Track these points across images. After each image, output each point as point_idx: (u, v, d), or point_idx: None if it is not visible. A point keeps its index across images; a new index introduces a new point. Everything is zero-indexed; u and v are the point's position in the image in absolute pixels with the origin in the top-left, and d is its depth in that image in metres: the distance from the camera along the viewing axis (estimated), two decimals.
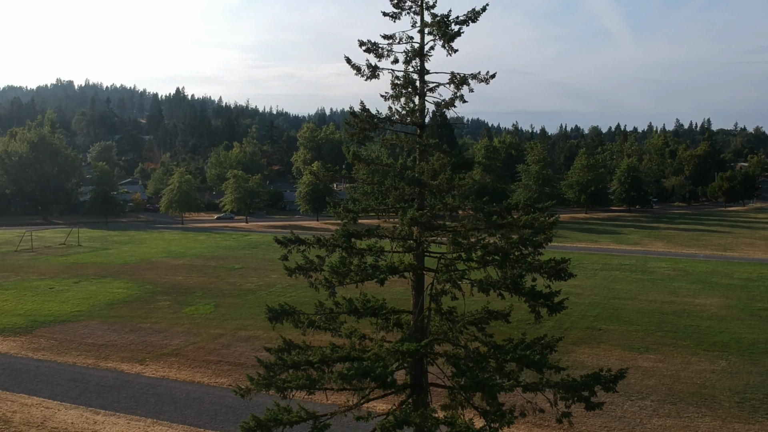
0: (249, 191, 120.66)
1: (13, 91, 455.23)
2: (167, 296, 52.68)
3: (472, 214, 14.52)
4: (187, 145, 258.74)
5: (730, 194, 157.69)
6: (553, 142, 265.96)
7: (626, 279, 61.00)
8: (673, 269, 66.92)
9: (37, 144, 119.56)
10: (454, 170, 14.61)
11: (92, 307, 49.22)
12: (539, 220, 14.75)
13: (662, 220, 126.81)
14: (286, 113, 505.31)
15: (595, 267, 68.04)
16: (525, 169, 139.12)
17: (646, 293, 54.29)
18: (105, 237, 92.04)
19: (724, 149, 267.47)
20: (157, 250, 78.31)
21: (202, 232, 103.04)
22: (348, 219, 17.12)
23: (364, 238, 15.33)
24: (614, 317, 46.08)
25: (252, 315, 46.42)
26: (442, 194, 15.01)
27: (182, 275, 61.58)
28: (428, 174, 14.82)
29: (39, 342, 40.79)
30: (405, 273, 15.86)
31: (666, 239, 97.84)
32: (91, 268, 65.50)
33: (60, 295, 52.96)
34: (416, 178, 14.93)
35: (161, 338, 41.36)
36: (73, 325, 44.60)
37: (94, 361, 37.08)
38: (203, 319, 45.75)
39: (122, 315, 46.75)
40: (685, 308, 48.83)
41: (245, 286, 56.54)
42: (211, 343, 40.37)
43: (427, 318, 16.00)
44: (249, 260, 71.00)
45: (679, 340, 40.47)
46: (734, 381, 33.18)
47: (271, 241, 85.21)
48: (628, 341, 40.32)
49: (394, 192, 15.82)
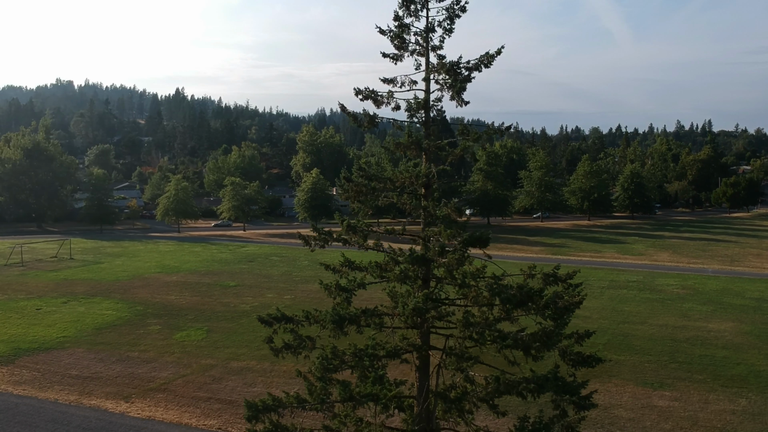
0: (247, 198, 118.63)
1: (13, 91, 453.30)
2: (158, 319, 50.61)
3: (486, 296, 12.49)
4: (185, 147, 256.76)
5: (734, 200, 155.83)
6: (554, 144, 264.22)
7: (634, 299, 58.92)
8: (682, 287, 64.85)
9: (31, 151, 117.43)
10: (466, 246, 12.61)
11: (79, 332, 47.14)
12: (563, 299, 12.70)
13: (666, 227, 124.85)
14: (286, 114, 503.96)
15: (602, 284, 65.98)
16: (527, 176, 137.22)
17: (656, 316, 52.22)
18: (98, 248, 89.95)
19: (726, 152, 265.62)
20: (150, 264, 76.21)
21: (198, 242, 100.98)
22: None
23: (362, 322, 13.27)
24: (625, 345, 44.01)
25: (245, 342, 44.36)
26: (451, 272, 12.98)
27: (175, 294, 59.51)
28: (435, 250, 12.82)
29: (21, 374, 38.73)
30: (408, 354, 13.80)
31: (671, 249, 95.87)
32: (82, 285, 63.42)
33: (47, 318, 50.89)
34: (422, 256, 12.92)
35: (149, 369, 39.30)
36: (58, 353, 42.54)
37: (77, 398, 35.02)
38: (194, 346, 43.67)
39: (110, 342, 44.67)
40: (699, 334, 46.76)
41: (240, 308, 54.45)
42: (202, 375, 38.31)
43: (434, 405, 13.96)
44: (245, 276, 68.92)
45: (694, 374, 38.41)
46: (757, 424, 31.13)
47: (268, 254, 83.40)
48: (641, 374, 38.27)
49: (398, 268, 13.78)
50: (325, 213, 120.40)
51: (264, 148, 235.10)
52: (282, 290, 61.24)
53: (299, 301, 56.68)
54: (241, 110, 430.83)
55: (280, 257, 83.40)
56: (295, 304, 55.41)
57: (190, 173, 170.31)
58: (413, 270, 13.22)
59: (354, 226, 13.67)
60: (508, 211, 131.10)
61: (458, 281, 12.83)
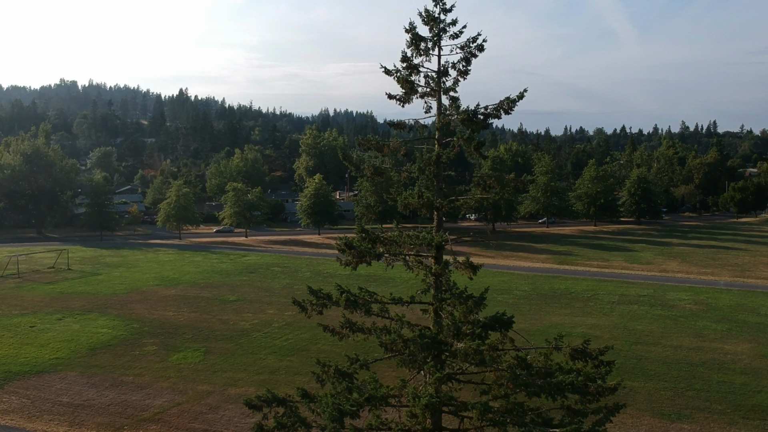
0: (249, 204, 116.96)
1: (17, 91, 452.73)
2: (154, 338, 49.02)
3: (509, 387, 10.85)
4: (188, 149, 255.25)
5: (742, 205, 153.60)
6: (559, 146, 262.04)
7: (646, 316, 57.12)
8: (694, 302, 63.03)
9: (31, 156, 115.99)
10: (486, 330, 10.98)
11: (73, 353, 45.60)
12: (595, 383, 11.05)
13: (674, 234, 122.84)
14: (290, 114, 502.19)
15: (611, 299, 64.20)
16: (533, 181, 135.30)
17: (669, 336, 50.44)
18: (97, 258, 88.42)
19: (732, 154, 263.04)
20: (149, 276, 74.62)
21: (199, 250, 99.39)
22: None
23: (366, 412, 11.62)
24: (639, 370, 42.28)
25: (244, 366, 42.78)
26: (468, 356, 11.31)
27: (172, 310, 57.90)
28: (449, 330, 11.16)
29: (10, 401, 37.23)
30: None
31: (680, 258, 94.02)
32: (78, 299, 61.89)
33: (40, 336, 49.35)
34: (435, 339, 11.27)
35: (143, 396, 37.74)
36: (50, 377, 41.02)
37: (66, 429, 33.51)
38: (191, 370, 42.08)
39: (104, 364, 43.10)
40: (715, 357, 44.98)
41: (239, 325, 52.82)
42: (198, 404, 36.73)
43: None
44: (245, 290, 67.28)
45: (713, 403, 36.68)
46: None
47: (270, 264, 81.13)
48: (658, 404, 36.56)
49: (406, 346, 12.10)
50: (329, 219, 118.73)
51: (267, 150, 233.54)
52: (283, 306, 59.64)
53: (300, 318, 54.90)
54: (245, 111, 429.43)
55: (282, 268, 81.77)
56: (296, 321, 53.80)
57: (192, 177, 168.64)
58: (423, 356, 11.61)
59: (354, 301, 12.08)
60: (513, 216, 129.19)
61: (476, 360, 11.23)
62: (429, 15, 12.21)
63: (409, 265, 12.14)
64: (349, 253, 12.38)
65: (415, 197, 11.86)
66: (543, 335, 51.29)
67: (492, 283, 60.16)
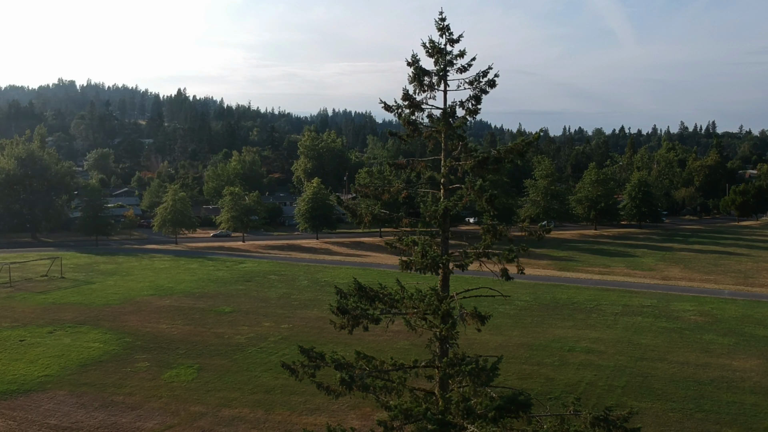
0: (246, 209, 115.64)
1: (15, 91, 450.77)
2: (147, 354, 47.71)
3: None
4: (186, 150, 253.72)
5: (743, 208, 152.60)
6: (558, 147, 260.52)
7: (650, 329, 55.90)
8: (699, 313, 61.82)
9: (26, 160, 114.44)
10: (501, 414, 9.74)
11: (63, 369, 44.29)
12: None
13: (675, 238, 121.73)
14: (288, 114, 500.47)
15: (615, 310, 62.99)
16: (532, 184, 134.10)
17: (675, 351, 49.21)
18: (91, 265, 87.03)
19: (731, 155, 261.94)
20: (143, 284, 73.26)
21: (195, 256, 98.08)
22: None
23: None
24: (645, 389, 41.05)
25: (239, 384, 41.50)
26: None
27: (166, 322, 56.59)
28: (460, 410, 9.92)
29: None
30: None
31: (682, 264, 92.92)
32: (70, 310, 60.57)
33: (30, 352, 48.05)
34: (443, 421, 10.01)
35: (134, 419, 36.45)
36: (38, 396, 39.72)
37: None
38: (183, 389, 40.78)
39: (94, 382, 41.81)
40: (723, 375, 43.76)
41: (234, 339, 51.51)
42: (190, 427, 35.45)
43: None
44: (241, 300, 65.96)
45: (723, 426, 35.46)
46: None
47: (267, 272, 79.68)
48: (666, 427, 35.32)
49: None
50: (327, 223, 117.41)
51: (265, 151, 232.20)
52: (279, 317, 58.37)
53: (297, 332, 53.83)
54: (243, 111, 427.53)
55: (279, 276, 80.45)
56: (293, 335, 52.57)
57: (189, 179, 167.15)
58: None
59: (349, 383, 10.86)
60: (512, 220, 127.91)
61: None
62: (434, 46, 10.97)
63: (412, 325, 10.97)
64: (343, 318, 11.19)
65: (418, 256, 10.66)
66: (547, 350, 50.10)
67: (493, 292, 58.83)
